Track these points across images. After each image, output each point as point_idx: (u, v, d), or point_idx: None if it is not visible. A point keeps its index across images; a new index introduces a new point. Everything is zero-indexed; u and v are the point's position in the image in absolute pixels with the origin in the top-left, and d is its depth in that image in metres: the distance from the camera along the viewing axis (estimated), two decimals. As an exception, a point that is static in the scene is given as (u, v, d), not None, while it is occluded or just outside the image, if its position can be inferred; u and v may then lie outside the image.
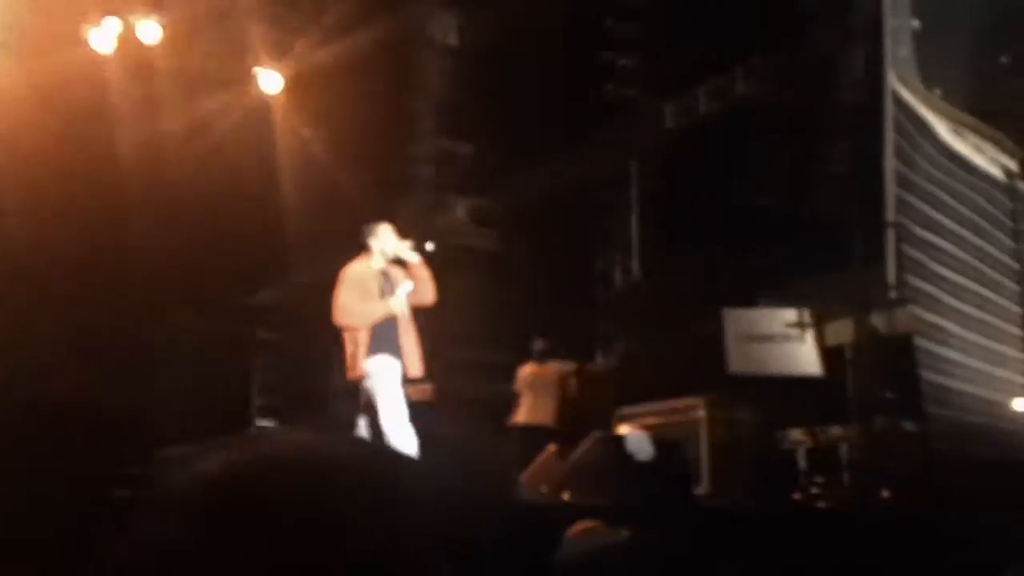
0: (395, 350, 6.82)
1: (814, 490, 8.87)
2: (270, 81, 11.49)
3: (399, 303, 6.85)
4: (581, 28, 13.31)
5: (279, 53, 11.49)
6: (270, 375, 14.17)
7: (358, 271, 6.91)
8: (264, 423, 13.23)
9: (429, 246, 7.18)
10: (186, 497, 0.72)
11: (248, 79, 11.49)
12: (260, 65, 11.42)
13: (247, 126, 11.41)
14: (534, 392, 9.97)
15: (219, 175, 10.89)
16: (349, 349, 6.84)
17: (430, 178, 14.02)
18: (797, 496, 8.89)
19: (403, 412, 6.72)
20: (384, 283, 6.91)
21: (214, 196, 10.87)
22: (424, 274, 6.99)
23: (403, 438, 6.59)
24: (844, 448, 8.90)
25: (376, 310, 6.81)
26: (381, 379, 6.73)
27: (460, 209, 14.20)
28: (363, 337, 6.74)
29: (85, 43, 10.32)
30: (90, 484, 5.86)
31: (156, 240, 10.95)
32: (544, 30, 12.07)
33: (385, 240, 6.97)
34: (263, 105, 11.61)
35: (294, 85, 11.55)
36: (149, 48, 10.63)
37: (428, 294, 7.01)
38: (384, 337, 6.79)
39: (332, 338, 7.29)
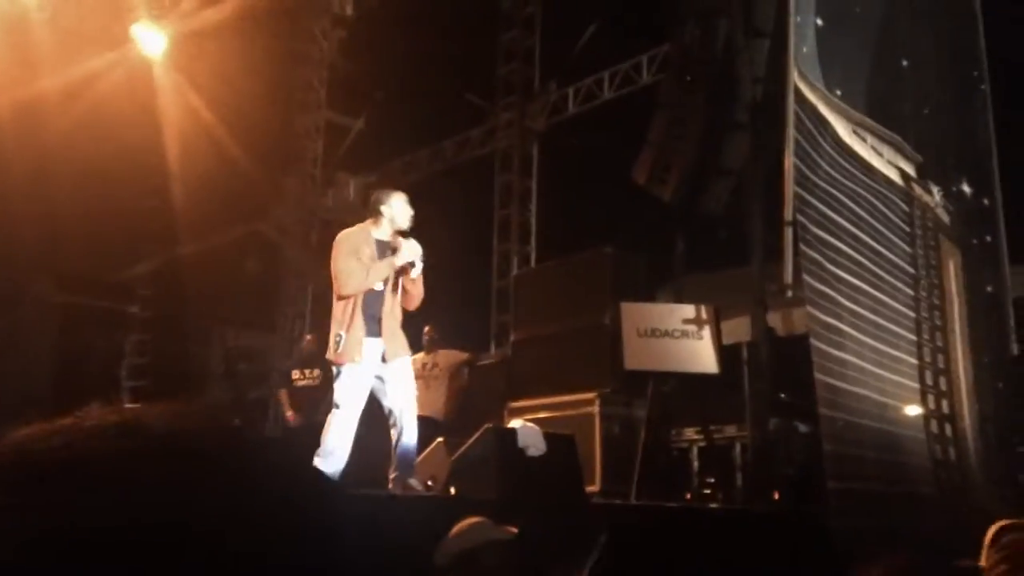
0: (378, 330, 6.36)
1: (706, 490, 8.78)
2: (152, 41, 10.83)
3: (404, 255, 6.34)
4: (483, 5, 13.04)
5: (163, 11, 10.85)
6: (142, 356, 13.43)
7: (354, 234, 6.41)
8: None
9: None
10: None
11: (129, 38, 10.84)
12: (142, 23, 10.76)
13: (127, 88, 10.76)
14: (423, 382, 9.60)
15: (96, 140, 10.27)
16: (335, 330, 6.30)
17: (318, 153, 13.54)
18: (688, 496, 8.78)
19: (354, 420, 6.31)
20: (379, 254, 6.39)
21: (89, 162, 10.26)
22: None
23: (342, 441, 6.24)
24: (737, 448, 8.81)
25: (379, 268, 6.31)
26: (360, 370, 6.29)
27: (350, 187, 13.72)
28: (357, 317, 6.25)
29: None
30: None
31: (22, 207, 10.26)
32: (445, 4, 11.74)
33: (398, 209, 6.46)
34: (144, 67, 10.97)
35: (178, 47, 10.93)
36: (24, 2, 10.00)
37: (419, 290, 6.57)
38: (373, 316, 6.34)
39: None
